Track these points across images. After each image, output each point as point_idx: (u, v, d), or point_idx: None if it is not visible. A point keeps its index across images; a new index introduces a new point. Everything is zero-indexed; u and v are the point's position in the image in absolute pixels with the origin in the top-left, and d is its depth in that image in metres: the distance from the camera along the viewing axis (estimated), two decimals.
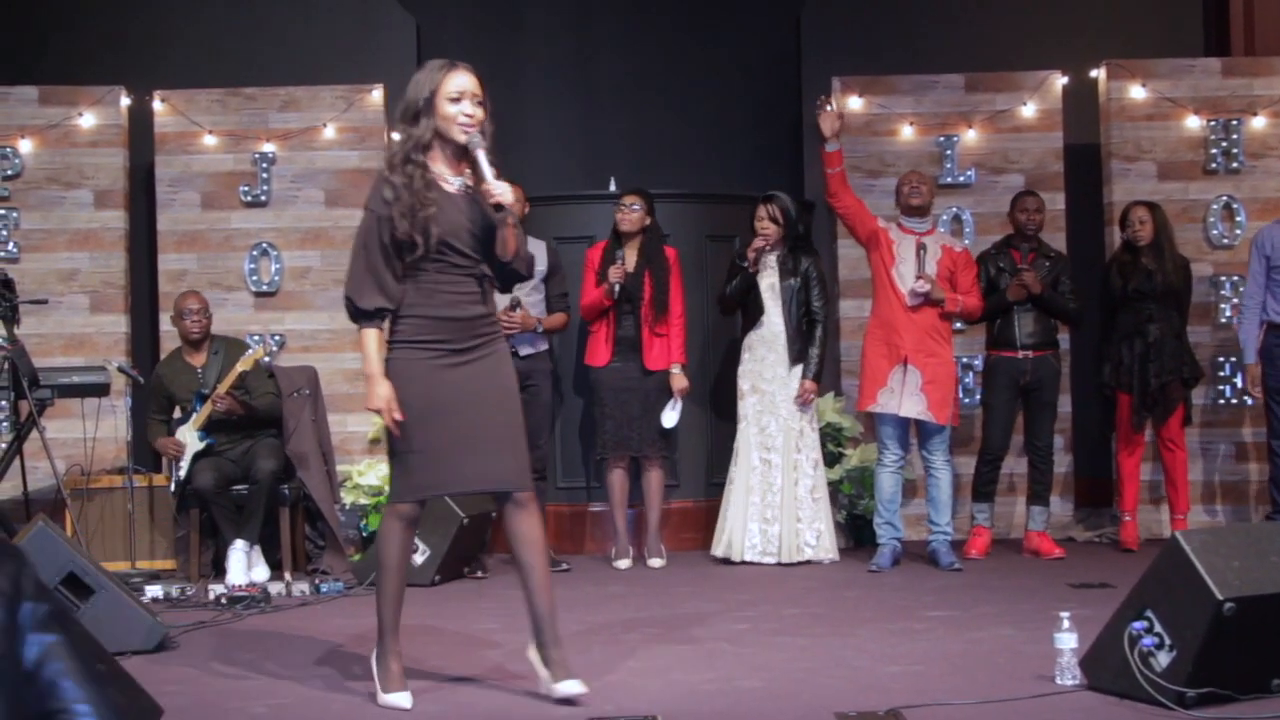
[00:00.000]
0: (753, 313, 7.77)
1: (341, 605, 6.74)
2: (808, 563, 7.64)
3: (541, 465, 7.72)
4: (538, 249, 7.72)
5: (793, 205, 7.76)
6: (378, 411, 4.56)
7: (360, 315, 4.57)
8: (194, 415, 7.59)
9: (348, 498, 8.29)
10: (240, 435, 7.70)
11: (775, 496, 7.66)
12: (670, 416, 7.86)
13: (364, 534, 8.22)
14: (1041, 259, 7.92)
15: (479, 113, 4.58)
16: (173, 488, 7.66)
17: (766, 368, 7.74)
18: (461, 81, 4.57)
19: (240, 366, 7.53)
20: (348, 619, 6.32)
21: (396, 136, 4.72)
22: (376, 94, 9.00)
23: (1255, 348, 7.99)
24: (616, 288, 7.72)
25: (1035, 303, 7.83)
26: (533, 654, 4.68)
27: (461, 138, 4.57)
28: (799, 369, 7.71)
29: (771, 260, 7.74)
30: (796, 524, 7.66)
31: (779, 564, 7.58)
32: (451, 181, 4.64)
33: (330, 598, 6.93)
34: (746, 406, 7.79)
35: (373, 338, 4.58)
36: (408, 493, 4.64)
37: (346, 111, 8.98)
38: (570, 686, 4.54)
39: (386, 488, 8.04)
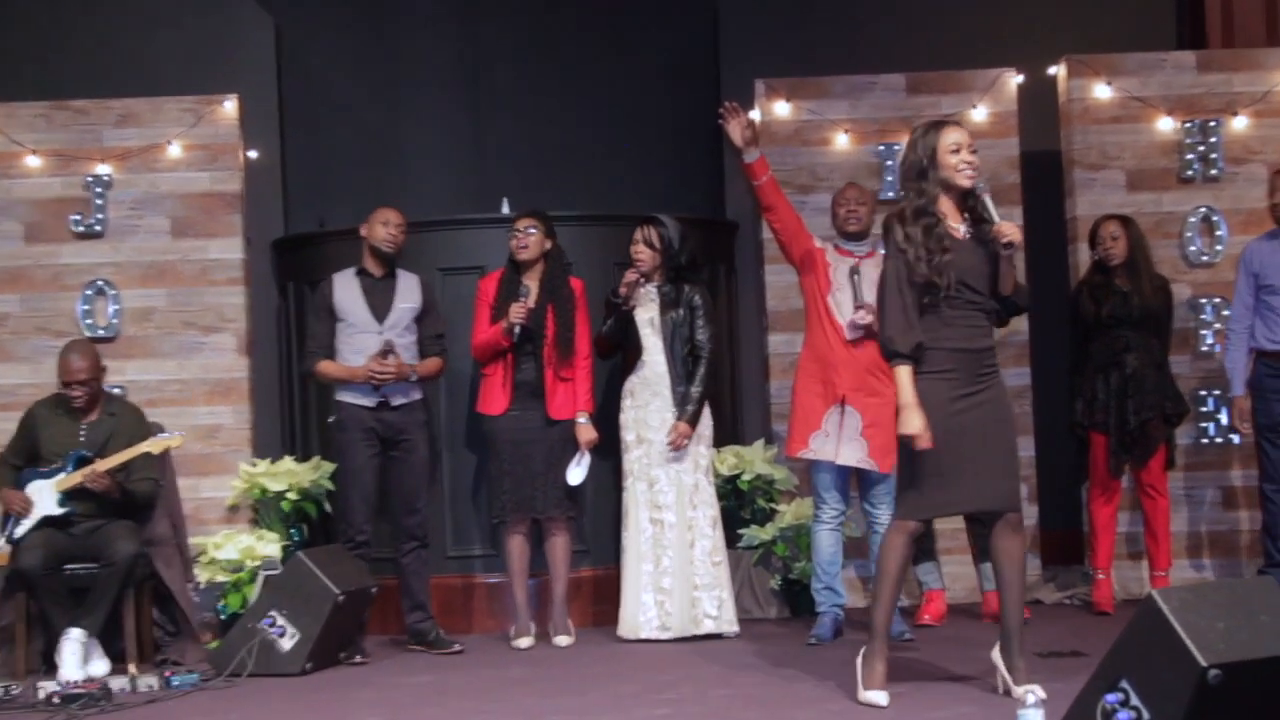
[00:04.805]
0: (632, 353, 7.82)
1: (197, 701, 6.64)
2: (709, 636, 7.65)
3: (423, 531, 7.72)
4: (409, 283, 7.74)
5: (676, 230, 7.79)
6: (909, 437, 5.64)
7: (898, 356, 5.69)
8: (60, 475, 7.39)
9: (202, 575, 8.20)
10: (98, 510, 7.45)
11: (670, 561, 7.69)
12: (576, 474, 7.83)
13: (222, 617, 8.11)
14: None
15: (977, 159, 5.83)
16: (2, 543, 7.47)
17: (651, 414, 7.78)
18: (956, 135, 5.81)
19: (147, 447, 7.41)
20: (204, 717, 6.25)
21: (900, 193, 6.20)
22: (230, 105, 8.96)
23: (1244, 378, 8.04)
24: (517, 329, 7.64)
25: None
26: (997, 657, 5.88)
27: (967, 183, 5.79)
28: None
29: (651, 292, 7.79)
30: (694, 592, 7.68)
31: (677, 639, 7.58)
32: (958, 228, 5.80)
33: (183, 692, 6.80)
34: (632, 460, 7.82)
35: (907, 372, 5.68)
36: (917, 511, 5.80)
37: (195, 126, 8.92)
38: (1030, 688, 5.36)
39: (247, 562, 8.07)
